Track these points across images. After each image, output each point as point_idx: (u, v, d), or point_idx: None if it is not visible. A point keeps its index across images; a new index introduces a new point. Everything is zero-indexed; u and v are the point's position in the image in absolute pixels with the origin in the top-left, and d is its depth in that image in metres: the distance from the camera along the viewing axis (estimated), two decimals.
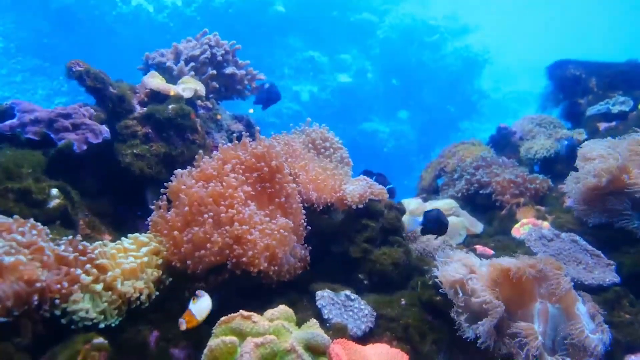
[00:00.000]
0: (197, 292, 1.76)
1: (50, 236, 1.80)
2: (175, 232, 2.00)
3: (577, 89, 4.33)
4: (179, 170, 2.24)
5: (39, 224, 1.78)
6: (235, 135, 3.11)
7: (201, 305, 1.72)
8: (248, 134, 2.65)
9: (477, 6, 22.28)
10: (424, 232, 2.53)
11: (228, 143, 2.49)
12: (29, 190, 2.03)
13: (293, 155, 2.60)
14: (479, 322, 1.84)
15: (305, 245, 2.33)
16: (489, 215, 3.43)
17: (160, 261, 2.00)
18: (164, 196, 2.20)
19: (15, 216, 1.76)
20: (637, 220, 2.56)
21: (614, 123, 3.82)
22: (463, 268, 2.06)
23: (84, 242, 1.86)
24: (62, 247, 1.76)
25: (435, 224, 2.42)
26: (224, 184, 2.11)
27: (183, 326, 1.67)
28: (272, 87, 3.25)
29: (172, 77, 3.13)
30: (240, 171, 2.23)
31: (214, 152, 2.42)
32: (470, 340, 1.88)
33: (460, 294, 1.98)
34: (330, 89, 14.65)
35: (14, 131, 2.34)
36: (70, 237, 1.85)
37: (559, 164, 3.67)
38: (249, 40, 11.32)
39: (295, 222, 2.26)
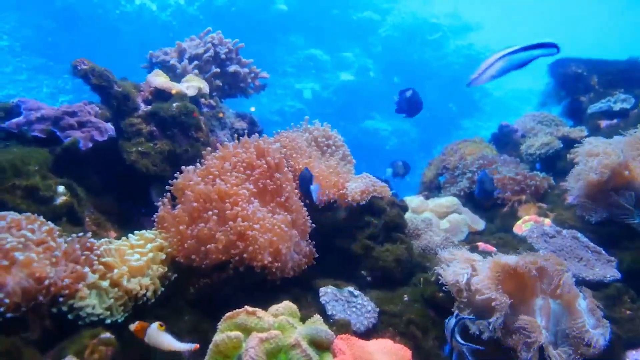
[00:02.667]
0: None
1: (57, 233, 1.82)
2: (181, 227, 2.02)
3: (579, 87, 4.34)
4: (190, 167, 2.26)
5: (49, 222, 1.81)
6: (240, 132, 3.14)
7: (158, 337, 1.60)
8: (250, 132, 2.67)
9: (478, 4, 22.23)
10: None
11: (232, 141, 2.51)
12: (36, 187, 2.06)
13: (298, 152, 2.62)
14: (490, 319, 1.85)
15: (310, 241, 2.35)
16: (490, 213, 3.45)
17: (164, 256, 2.02)
18: (169, 193, 2.22)
19: (27, 214, 1.78)
20: (638, 216, 2.57)
21: (615, 120, 3.83)
22: (465, 265, 2.08)
23: (92, 240, 1.88)
24: (71, 244, 1.78)
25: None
26: (227, 184, 2.13)
27: (132, 327, 1.63)
28: (414, 94, 2.94)
29: (175, 76, 3.15)
30: (242, 169, 2.25)
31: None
32: (475, 335, 1.89)
33: (464, 291, 2.00)
34: (333, 87, 14.65)
35: (21, 129, 2.36)
36: (81, 234, 1.87)
37: (560, 161, 3.68)
38: (251, 38, 11.31)
39: (298, 218, 2.28)
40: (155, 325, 1.62)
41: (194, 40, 3.41)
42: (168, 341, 1.61)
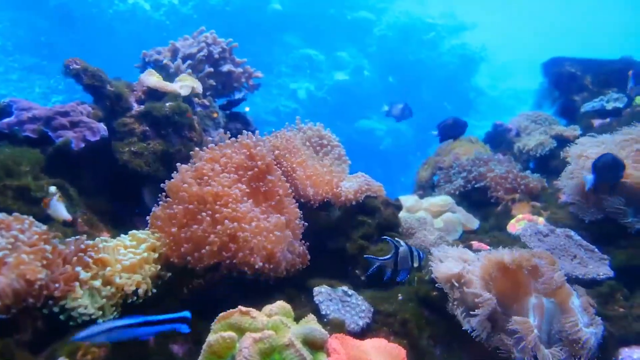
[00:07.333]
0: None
1: (49, 234, 1.80)
2: (175, 230, 2.01)
3: (573, 86, 4.36)
4: (185, 165, 2.23)
5: (40, 223, 1.79)
6: (233, 132, 3.12)
7: (56, 205, 2.07)
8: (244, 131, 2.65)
9: (473, 3, 22.29)
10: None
11: (224, 141, 2.50)
12: (27, 187, 2.05)
13: (292, 151, 2.61)
14: (473, 314, 1.86)
15: (303, 241, 2.34)
16: (484, 212, 3.45)
17: (156, 255, 2.01)
18: (165, 193, 2.21)
19: (15, 214, 1.77)
20: (631, 215, 2.58)
21: (608, 119, 3.85)
22: (459, 263, 2.08)
23: (87, 242, 1.87)
24: (63, 245, 1.77)
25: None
26: (217, 185, 2.12)
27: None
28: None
29: (169, 75, 3.14)
30: (232, 170, 2.23)
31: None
32: (467, 333, 1.90)
33: (456, 289, 2.00)
34: (327, 87, 14.66)
35: (12, 129, 2.35)
36: (78, 237, 1.86)
37: (554, 160, 3.70)
38: (246, 37, 11.31)
39: (291, 218, 2.27)
40: (57, 196, 2.10)
41: (188, 40, 3.40)
42: (60, 210, 2.09)
